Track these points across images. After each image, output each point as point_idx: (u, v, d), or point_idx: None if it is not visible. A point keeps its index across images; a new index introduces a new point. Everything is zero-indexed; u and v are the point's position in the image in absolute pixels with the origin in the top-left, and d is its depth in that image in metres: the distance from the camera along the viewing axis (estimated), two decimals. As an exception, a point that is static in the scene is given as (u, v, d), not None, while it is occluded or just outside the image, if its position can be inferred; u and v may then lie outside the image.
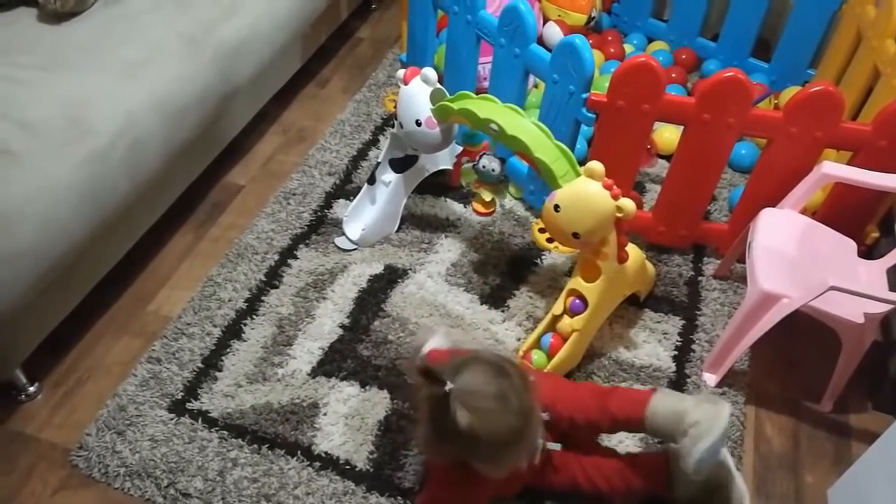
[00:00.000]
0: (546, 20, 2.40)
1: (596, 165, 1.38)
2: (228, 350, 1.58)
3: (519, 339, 1.64)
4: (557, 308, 1.53)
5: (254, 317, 1.65)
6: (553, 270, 1.81)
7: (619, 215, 1.39)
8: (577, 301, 1.50)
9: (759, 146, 2.08)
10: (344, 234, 1.85)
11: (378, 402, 1.49)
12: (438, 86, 1.60)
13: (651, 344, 1.65)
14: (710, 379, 1.57)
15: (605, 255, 1.45)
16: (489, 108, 1.51)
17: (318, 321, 1.65)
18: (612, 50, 2.46)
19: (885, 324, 1.66)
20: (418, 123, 1.62)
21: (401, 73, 1.64)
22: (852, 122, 1.55)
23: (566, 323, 1.50)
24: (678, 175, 1.71)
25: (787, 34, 2.21)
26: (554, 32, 2.32)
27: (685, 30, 2.43)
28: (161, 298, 1.71)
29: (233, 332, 1.62)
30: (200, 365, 1.54)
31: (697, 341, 1.66)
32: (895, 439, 1.22)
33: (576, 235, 1.42)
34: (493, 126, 1.48)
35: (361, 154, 2.12)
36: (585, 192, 1.39)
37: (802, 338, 1.66)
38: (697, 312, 1.72)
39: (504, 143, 1.49)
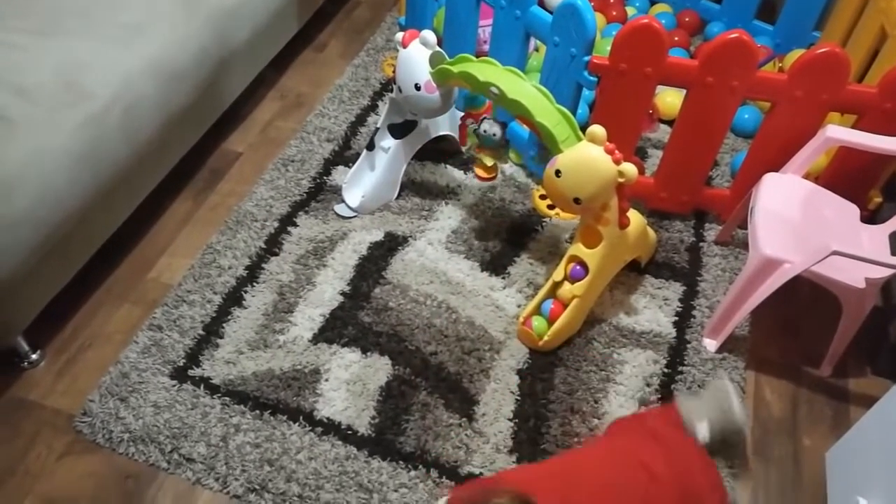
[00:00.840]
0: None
1: (598, 130, 1.36)
2: (229, 317, 1.58)
3: (519, 306, 1.64)
4: (558, 274, 1.53)
5: (254, 284, 1.65)
6: (554, 237, 1.80)
7: (620, 180, 1.38)
8: (578, 267, 1.50)
9: (762, 110, 2.05)
10: (343, 201, 1.83)
11: (379, 368, 1.50)
12: (438, 49, 1.57)
13: (651, 310, 1.65)
14: (710, 345, 1.58)
15: (607, 220, 1.44)
16: (490, 72, 1.48)
17: (318, 288, 1.65)
18: (613, 13, 2.42)
19: (885, 289, 1.66)
20: (417, 87, 1.59)
21: (399, 36, 1.61)
22: (858, 84, 1.53)
23: (567, 289, 1.50)
24: (680, 140, 1.69)
25: (793, -5, 2.16)
26: (555, -6, 2.27)
27: (689, -9, 2.38)
28: (161, 266, 1.71)
29: (233, 299, 1.62)
30: (201, 332, 1.55)
31: (698, 307, 1.66)
32: (893, 404, 1.23)
33: (577, 201, 1.41)
34: (494, 90, 1.46)
35: (360, 120, 2.10)
36: (587, 156, 1.38)
37: (802, 303, 1.66)
38: (698, 278, 1.72)
39: (505, 106, 1.47)
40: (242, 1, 1.87)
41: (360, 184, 1.82)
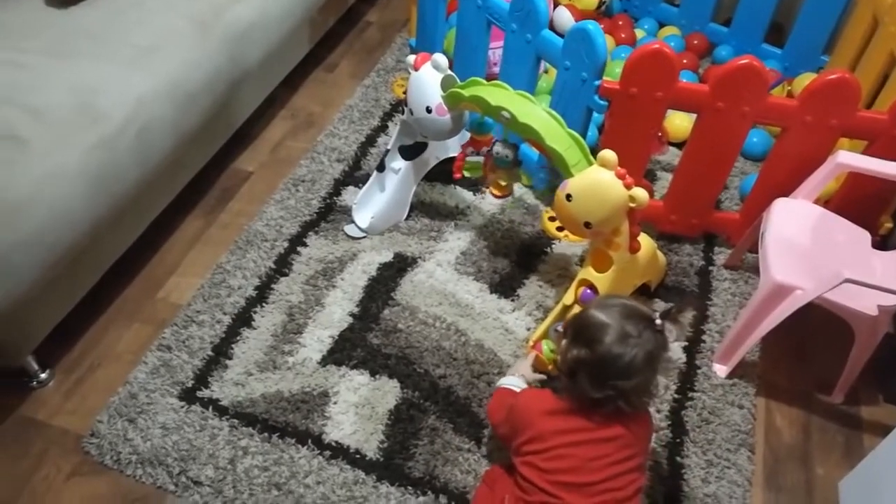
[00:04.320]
0: (556, 4, 2.37)
1: (609, 154, 1.37)
2: (238, 338, 1.58)
3: (529, 329, 1.63)
4: (568, 298, 1.52)
5: (263, 304, 1.65)
6: (563, 259, 1.80)
7: (631, 205, 1.38)
8: (588, 291, 1.49)
9: (771, 134, 2.05)
10: (353, 221, 1.84)
11: (388, 391, 1.49)
12: (449, 72, 1.58)
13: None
14: (721, 370, 1.57)
15: (618, 245, 1.44)
16: (501, 96, 1.49)
17: (327, 309, 1.65)
18: (622, 35, 2.43)
19: (897, 316, 1.65)
20: (429, 110, 1.60)
21: (411, 58, 1.62)
22: (868, 110, 1.53)
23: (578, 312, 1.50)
24: (691, 163, 1.69)
25: (802, 19, 2.18)
26: (565, 17, 2.29)
27: (697, 14, 2.39)
28: (170, 286, 1.71)
29: (243, 319, 1.62)
30: (210, 353, 1.55)
31: (708, 332, 1.65)
32: (908, 433, 1.21)
33: (587, 225, 1.41)
34: (505, 114, 1.46)
35: (370, 140, 2.11)
36: (598, 181, 1.38)
37: (813, 329, 1.65)
38: (708, 303, 1.71)
39: (516, 130, 1.47)
40: (257, 21, 1.88)
41: (371, 204, 1.82)
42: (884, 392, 1.57)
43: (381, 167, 1.83)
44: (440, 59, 1.58)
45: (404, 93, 2.24)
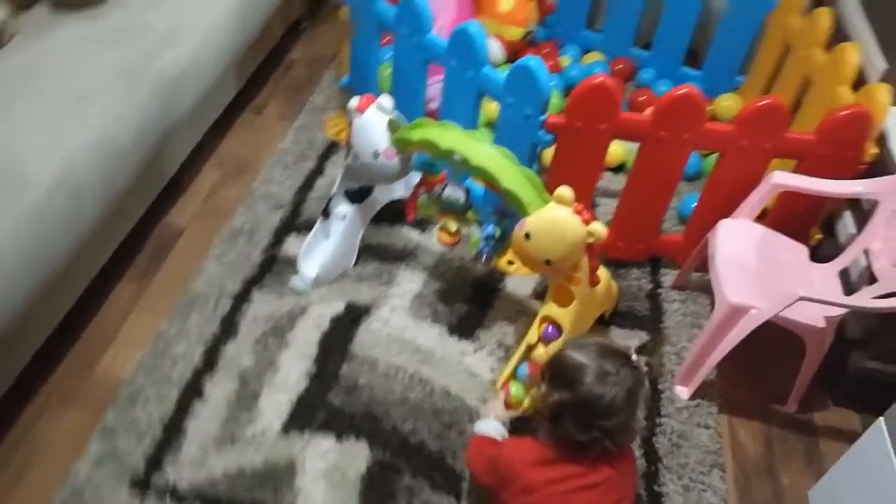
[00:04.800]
0: (483, 36, 2.38)
1: (564, 191, 1.37)
2: (190, 412, 1.47)
3: (493, 370, 1.61)
4: (532, 337, 1.51)
5: (213, 372, 1.55)
6: (517, 293, 1.79)
7: (590, 241, 1.38)
8: (551, 328, 1.49)
9: (701, 154, 2.13)
10: (299, 272, 1.76)
11: (357, 454, 1.42)
12: (396, 113, 1.55)
13: (622, 361, 1.65)
14: (683, 392, 1.60)
15: (578, 279, 1.44)
16: (451, 138, 1.47)
17: (282, 371, 1.56)
18: (549, 63, 2.47)
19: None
20: (376, 155, 1.56)
21: (355, 101, 1.57)
22: (798, 132, 1.60)
23: (542, 352, 1.48)
24: (635, 191, 1.72)
25: (717, 41, 2.27)
26: (493, 48, 2.30)
27: (619, 40, 2.46)
28: (107, 360, 1.58)
29: (192, 391, 1.51)
30: (161, 432, 1.43)
31: (665, 354, 1.68)
32: (870, 444, 1.26)
33: (548, 263, 1.41)
34: (456, 157, 1.44)
35: (308, 184, 2.04)
36: (555, 218, 1.37)
37: (764, 342, 1.69)
38: (661, 325, 1.74)
39: (469, 172, 1.45)
40: (187, 68, 1.79)
41: (317, 254, 1.75)
42: (832, 396, 1.64)
43: (325, 213, 1.77)
44: (385, 101, 1.54)
45: (339, 133, 2.21)
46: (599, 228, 1.36)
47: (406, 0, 1.74)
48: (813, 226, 1.79)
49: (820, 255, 1.70)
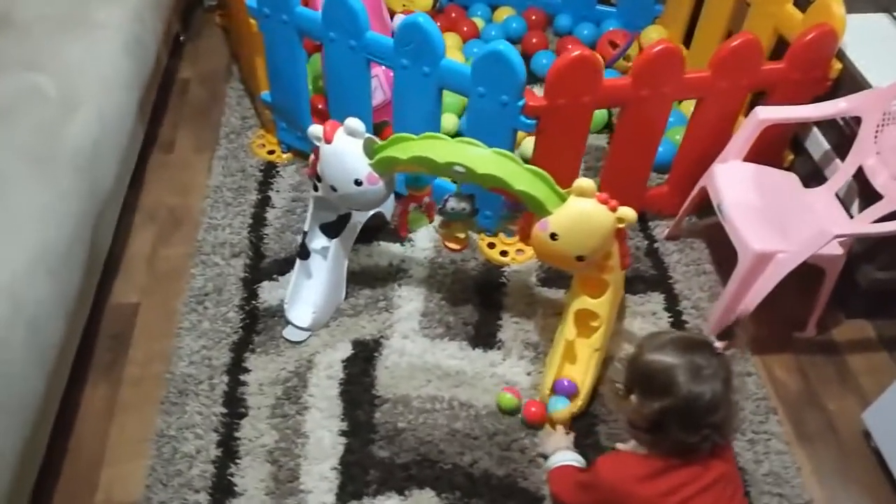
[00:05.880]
0: (393, 14, 2.20)
1: (585, 183, 1.28)
2: (229, 516, 1.29)
3: (529, 374, 1.52)
4: (570, 332, 1.43)
5: (238, 462, 1.37)
6: (523, 283, 1.70)
7: (620, 226, 1.31)
8: (567, 382, 1.40)
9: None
10: (290, 323, 1.58)
11: (428, 505, 1.31)
12: (368, 135, 1.38)
13: (646, 328, 1.62)
14: (720, 344, 1.57)
15: (611, 267, 1.37)
16: (446, 150, 1.33)
17: (313, 438, 1.41)
18: (465, 28, 2.34)
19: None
20: (358, 183, 1.39)
21: (318, 130, 1.38)
22: (770, 62, 1.58)
23: (584, 343, 1.42)
24: (621, 151, 1.67)
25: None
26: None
27: (525, -11, 2.35)
28: (106, 484, 1.35)
29: (223, 490, 1.33)
30: (206, 550, 1.25)
31: (685, 311, 1.66)
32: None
33: (580, 258, 1.32)
34: (459, 168, 1.31)
35: (258, 220, 1.83)
36: (582, 212, 1.29)
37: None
38: (671, 281, 1.72)
39: (475, 182, 1.33)
40: (98, 137, 1.52)
41: (305, 298, 1.58)
42: (846, 311, 1.69)
43: (303, 254, 1.59)
44: (354, 123, 1.36)
45: (270, 152, 1.99)
46: (629, 212, 1.30)
47: (336, 1, 1.55)
48: (785, 148, 1.81)
49: (801, 175, 1.70)
